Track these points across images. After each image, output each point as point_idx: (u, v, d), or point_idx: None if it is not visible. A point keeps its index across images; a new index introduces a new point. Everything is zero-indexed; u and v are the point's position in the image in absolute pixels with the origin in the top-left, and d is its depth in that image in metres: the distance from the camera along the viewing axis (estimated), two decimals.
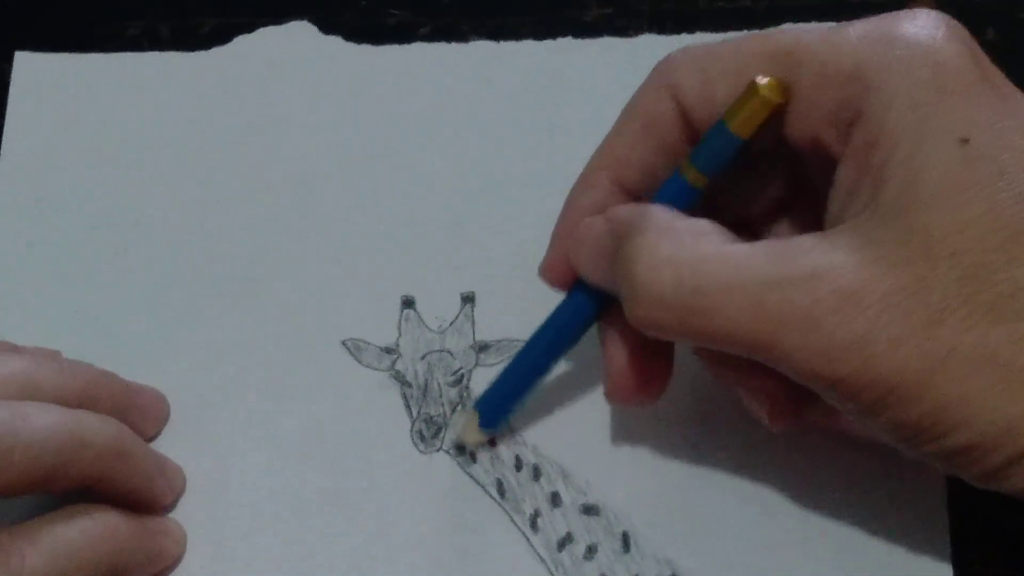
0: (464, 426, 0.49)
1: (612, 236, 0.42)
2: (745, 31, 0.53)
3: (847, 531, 0.46)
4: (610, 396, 0.45)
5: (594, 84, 0.55)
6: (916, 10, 0.40)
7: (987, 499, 0.44)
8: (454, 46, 0.56)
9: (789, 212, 0.45)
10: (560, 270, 0.46)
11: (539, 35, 0.56)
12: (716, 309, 0.38)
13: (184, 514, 0.49)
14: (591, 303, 0.45)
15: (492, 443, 0.49)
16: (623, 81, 0.54)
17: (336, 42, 0.57)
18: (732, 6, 0.55)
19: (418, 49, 0.56)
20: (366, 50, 0.56)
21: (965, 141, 0.37)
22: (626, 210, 0.43)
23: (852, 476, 0.47)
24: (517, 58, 0.56)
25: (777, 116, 0.41)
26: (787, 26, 0.42)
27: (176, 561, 0.48)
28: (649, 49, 0.55)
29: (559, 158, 0.53)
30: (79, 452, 0.44)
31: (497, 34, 0.56)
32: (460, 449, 0.49)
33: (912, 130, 0.37)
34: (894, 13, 0.40)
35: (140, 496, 0.47)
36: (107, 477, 0.45)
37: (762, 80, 0.40)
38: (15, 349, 0.49)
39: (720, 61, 0.42)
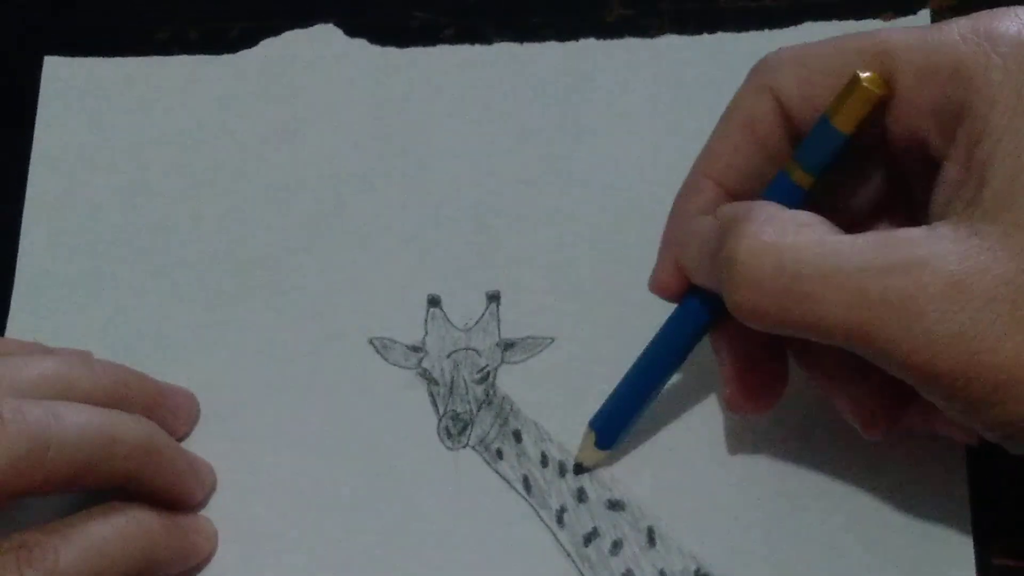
0: (581, 446, 0.48)
1: (718, 231, 0.42)
2: (767, 30, 0.54)
3: (871, 524, 0.46)
4: (729, 405, 0.45)
5: (616, 84, 0.55)
6: (1017, 8, 0.39)
7: (1010, 489, 0.44)
8: (478, 48, 0.57)
9: (886, 216, 0.45)
10: (670, 280, 0.46)
11: (562, 36, 0.56)
12: (816, 296, 0.38)
13: (215, 511, 0.49)
14: (703, 311, 0.45)
15: (518, 438, 0.49)
16: (645, 81, 0.55)
17: (361, 44, 0.57)
18: (754, 6, 0.55)
19: (442, 51, 0.57)
20: (391, 52, 0.57)
21: None
22: (732, 206, 0.42)
23: (876, 471, 0.47)
24: (540, 59, 0.56)
25: (878, 112, 0.41)
26: (883, 27, 0.42)
27: (207, 558, 0.48)
28: (671, 50, 0.55)
29: (582, 158, 0.54)
30: (111, 451, 0.44)
31: (520, 36, 0.56)
32: (579, 469, 0.48)
33: (1016, 126, 0.37)
34: (993, 11, 0.40)
35: (171, 494, 0.47)
36: (139, 475, 0.45)
37: (864, 74, 0.40)
38: (47, 351, 0.49)
39: (819, 60, 0.42)
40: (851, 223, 0.44)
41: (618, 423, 0.48)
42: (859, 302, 0.37)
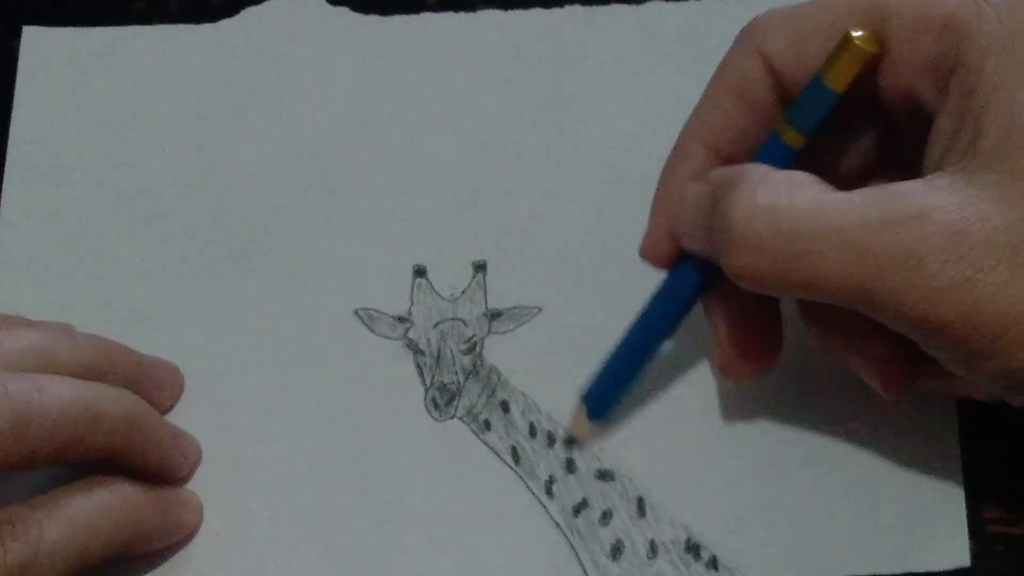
0: (573, 419, 0.48)
1: (711, 196, 0.41)
2: None
3: (863, 492, 0.46)
4: (722, 371, 0.46)
5: (602, 52, 0.55)
6: None
7: (1003, 454, 0.44)
8: (462, 15, 0.56)
9: (878, 174, 0.45)
10: (661, 247, 0.46)
11: (547, 3, 0.56)
12: (815, 254, 0.38)
13: (200, 485, 0.49)
14: (695, 277, 0.45)
15: (506, 408, 0.49)
16: (631, 49, 0.55)
17: (344, 13, 0.57)
18: None
19: (426, 19, 0.56)
20: (374, 20, 0.57)
21: None
22: (724, 170, 0.42)
23: (867, 438, 0.47)
24: (525, 27, 0.56)
25: (871, 69, 0.41)
26: None
27: (193, 531, 0.48)
28: (656, 17, 0.55)
29: (568, 126, 0.54)
30: (95, 424, 0.44)
31: (505, 3, 0.56)
32: (570, 442, 0.48)
33: (1010, 75, 0.37)
34: None
35: (156, 467, 0.47)
36: (123, 449, 0.45)
37: (856, 32, 0.40)
38: (29, 323, 0.49)
39: (809, 20, 0.42)
40: (843, 182, 0.44)
41: (610, 395, 0.47)
42: (859, 258, 0.37)
